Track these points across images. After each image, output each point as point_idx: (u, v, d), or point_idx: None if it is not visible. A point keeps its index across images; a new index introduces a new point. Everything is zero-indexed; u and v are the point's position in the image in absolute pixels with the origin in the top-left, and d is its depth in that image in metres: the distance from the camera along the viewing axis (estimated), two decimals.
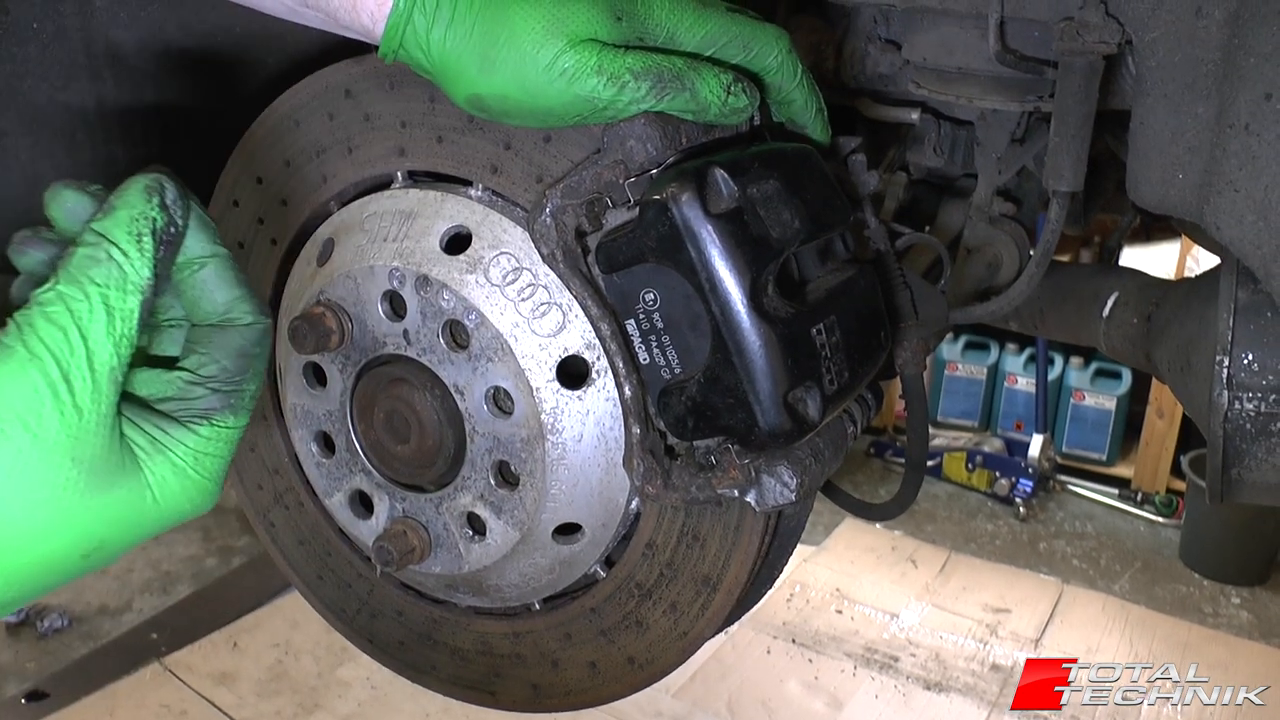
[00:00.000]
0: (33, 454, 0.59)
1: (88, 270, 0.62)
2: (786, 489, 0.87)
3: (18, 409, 0.59)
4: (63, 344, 0.60)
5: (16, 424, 0.59)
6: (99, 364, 0.61)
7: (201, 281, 0.69)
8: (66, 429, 0.60)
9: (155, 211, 0.65)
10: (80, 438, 0.60)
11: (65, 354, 0.60)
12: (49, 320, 0.60)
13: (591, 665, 1.09)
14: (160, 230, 0.65)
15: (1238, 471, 1.16)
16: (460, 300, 0.96)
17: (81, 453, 0.61)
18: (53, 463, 0.60)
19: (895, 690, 3.21)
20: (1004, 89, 1.20)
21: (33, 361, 0.59)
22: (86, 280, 0.62)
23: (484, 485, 1.01)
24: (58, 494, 0.60)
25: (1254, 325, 1.12)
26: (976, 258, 1.43)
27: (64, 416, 0.60)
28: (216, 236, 0.70)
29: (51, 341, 0.60)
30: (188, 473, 0.66)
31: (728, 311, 0.81)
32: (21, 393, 0.59)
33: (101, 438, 0.61)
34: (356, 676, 3.11)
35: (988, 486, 4.61)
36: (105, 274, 0.62)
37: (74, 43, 1.33)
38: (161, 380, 0.68)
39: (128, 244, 0.63)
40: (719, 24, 0.87)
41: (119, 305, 0.62)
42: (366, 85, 1.04)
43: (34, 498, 0.60)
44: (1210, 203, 0.99)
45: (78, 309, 0.61)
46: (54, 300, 0.61)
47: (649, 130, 0.84)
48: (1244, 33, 0.93)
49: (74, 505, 0.61)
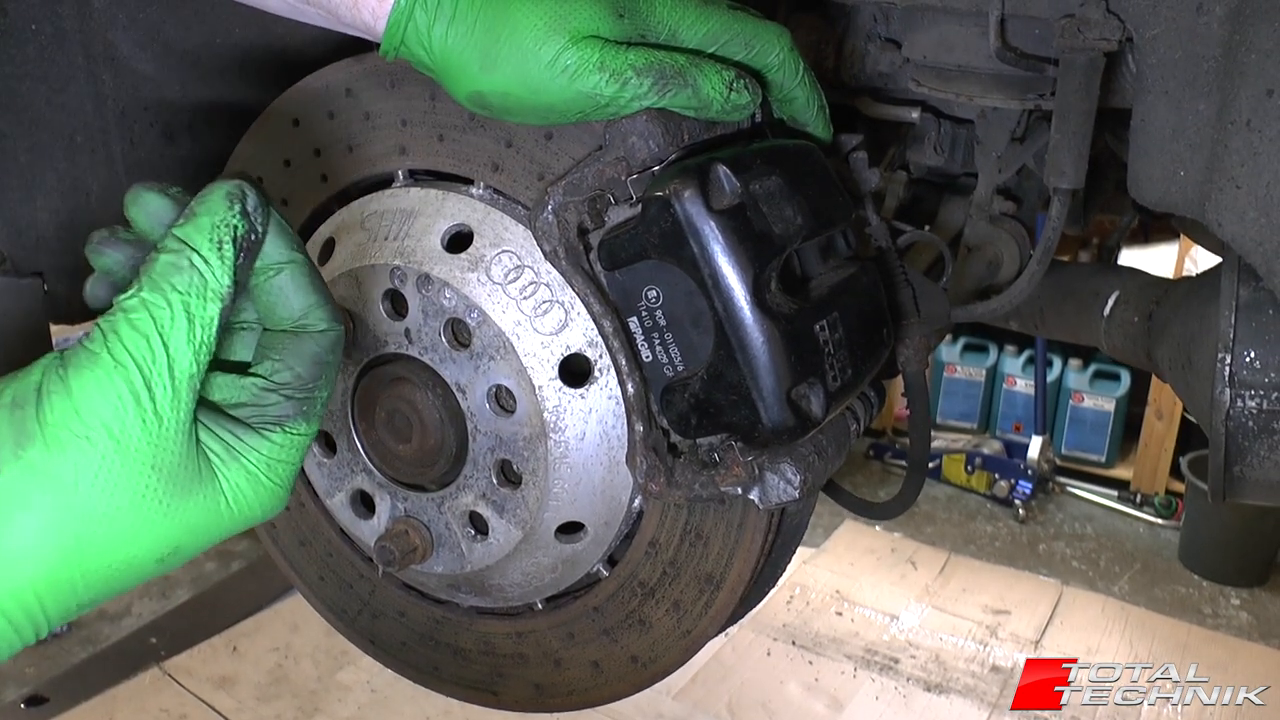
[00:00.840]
0: (115, 460, 0.60)
1: (170, 277, 0.63)
2: (790, 486, 0.87)
3: (103, 415, 0.60)
4: (145, 351, 0.61)
5: (101, 430, 0.60)
6: (179, 371, 0.62)
7: (278, 287, 0.70)
8: (148, 436, 0.61)
9: (236, 219, 0.65)
10: (160, 445, 0.61)
11: (148, 361, 0.61)
12: (133, 327, 0.61)
13: (594, 664, 1.09)
14: (241, 237, 0.65)
15: (1240, 469, 1.16)
16: (462, 299, 0.96)
17: (161, 460, 0.61)
18: (134, 470, 0.61)
19: (895, 692, 3.21)
20: (1004, 87, 1.20)
21: (117, 369, 0.60)
22: (169, 287, 0.62)
23: (486, 484, 1.00)
24: (137, 501, 0.61)
25: (1256, 322, 1.12)
26: (977, 256, 1.43)
27: (145, 424, 0.61)
28: (294, 242, 0.70)
29: (135, 349, 0.61)
30: (261, 479, 0.67)
31: (731, 308, 0.80)
32: (107, 400, 0.60)
33: (180, 445, 0.62)
34: (356, 680, 3.11)
35: (987, 488, 4.61)
36: (187, 281, 0.63)
37: (72, 44, 1.33)
38: (236, 386, 0.68)
39: (209, 251, 0.64)
40: (721, 21, 0.87)
41: (199, 313, 0.63)
42: (367, 83, 1.04)
43: (115, 504, 0.61)
44: (1212, 199, 0.99)
45: (160, 316, 0.62)
46: (137, 307, 0.62)
47: (651, 127, 0.84)
48: (1245, 29, 0.93)
49: (152, 512, 0.62)
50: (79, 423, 0.59)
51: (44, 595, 0.60)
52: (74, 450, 0.59)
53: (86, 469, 0.59)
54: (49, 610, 0.61)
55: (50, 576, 0.60)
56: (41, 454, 0.59)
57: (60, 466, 0.59)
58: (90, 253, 0.69)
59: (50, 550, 0.60)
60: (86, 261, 0.70)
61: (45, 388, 0.60)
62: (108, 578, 0.62)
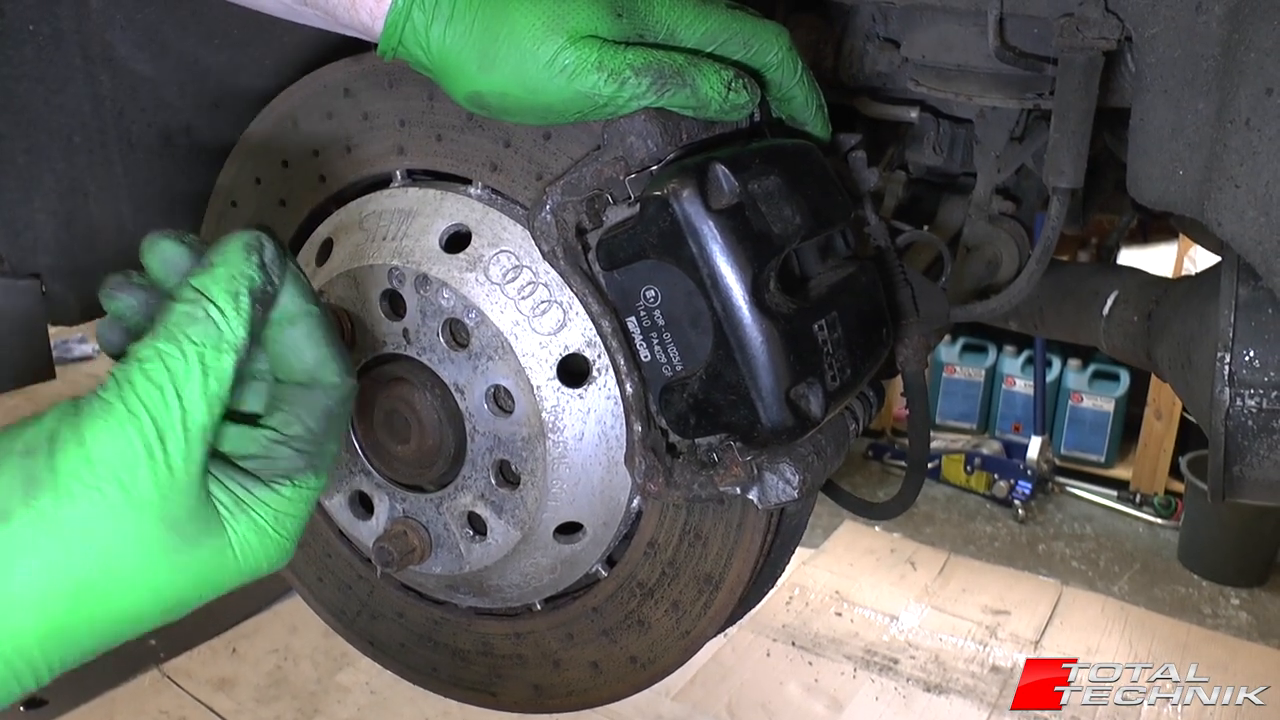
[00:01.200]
0: (125, 512, 0.60)
1: (185, 328, 0.62)
2: (789, 486, 0.87)
3: (114, 466, 0.59)
4: (159, 403, 0.61)
5: (112, 482, 0.59)
6: (193, 424, 0.61)
7: (291, 339, 0.69)
8: (158, 488, 0.60)
9: (253, 270, 0.65)
10: (170, 497, 0.61)
11: (161, 413, 0.60)
12: (147, 378, 0.61)
13: (594, 665, 1.08)
14: (257, 290, 0.65)
15: (1239, 469, 1.16)
16: (460, 299, 0.96)
17: (170, 512, 0.61)
18: (143, 522, 0.60)
19: (895, 692, 3.21)
20: (1003, 86, 1.20)
21: (131, 420, 0.60)
22: (184, 338, 0.62)
23: (484, 485, 1.00)
24: (145, 552, 0.61)
25: (1255, 322, 1.12)
26: (976, 256, 1.43)
27: (157, 476, 0.60)
28: (310, 295, 0.70)
29: (149, 400, 0.60)
30: (269, 532, 0.67)
31: (729, 307, 0.80)
32: (119, 450, 0.59)
33: (190, 497, 0.62)
34: (356, 682, 3.11)
35: (986, 488, 4.61)
36: (202, 333, 0.62)
37: (70, 45, 1.33)
38: (247, 438, 0.68)
39: (225, 303, 0.64)
40: (719, 21, 0.87)
41: (214, 364, 0.62)
42: (365, 83, 1.04)
43: (122, 555, 0.60)
44: (1211, 198, 0.99)
45: (175, 367, 0.61)
46: (152, 358, 0.61)
47: (649, 126, 0.84)
48: (1244, 28, 0.93)
49: (160, 564, 0.62)
50: (90, 473, 0.59)
51: (46, 643, 0.60)
52: (84, 500, 0.59)
53: (96, 519, 0.59)
54: (50, 658, 0.61)
55: (53, 624, 0.60)
56: (52, 503, 0.59)
57: (70, 516, 0.59)
58: (104, 297, 0.69)
59: (55, 598, 0.59)
60: (90, 280, 0.69)
61: (58, 436, 0.60)
62: (111, 628, 0.62)
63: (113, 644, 0.64)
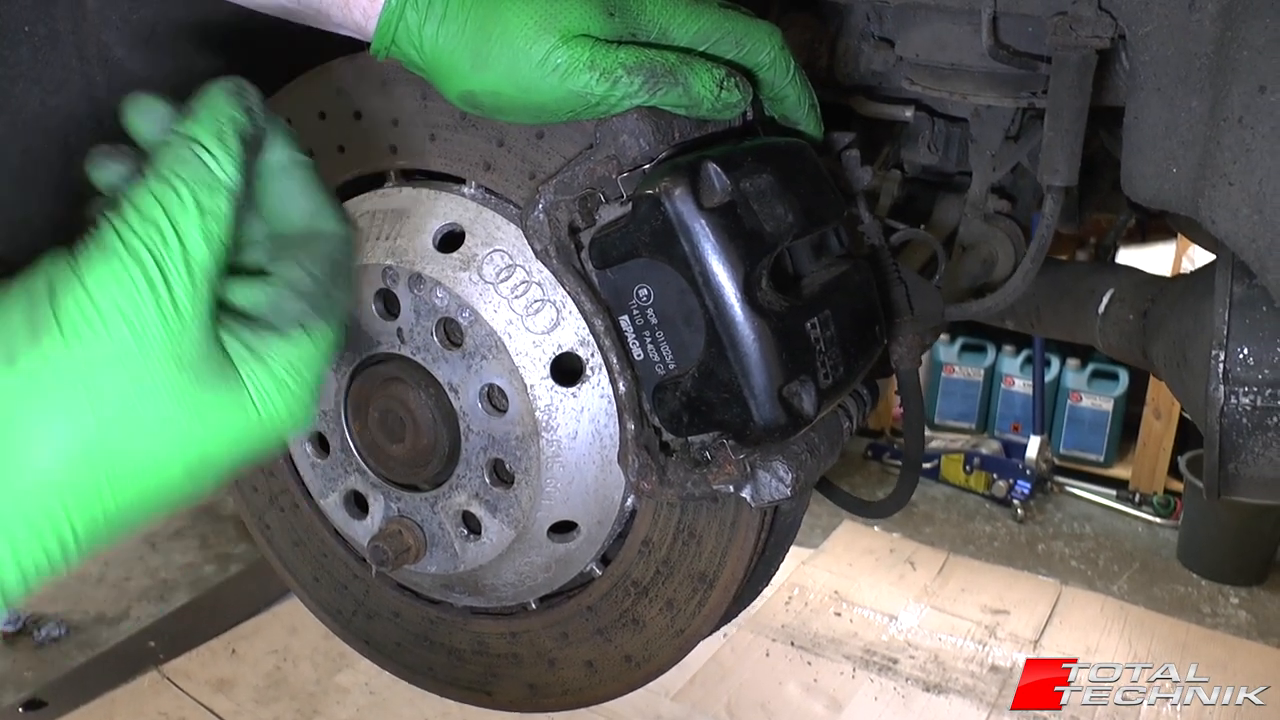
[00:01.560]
0: (135, 351, 0.57)
1: (176, 168, 0.60)
2: (782, 484, 0.87)
3: (119, 307, 0.57)
4: (159, 240, 0.58)
5: (119, 322, 0.57)
6: (195, 263, 0.59)
7: (284, 189, 0.68)
8: (168, 329, 0.58)
9: (238, 113, 0.63)
10: (181, 338, 0.58)
11: (161, 251, 0.58)
12: (143, 216, 0.58)
13: (589, 664, 1.08)
14: (244, 132, 0.63)
15: (1234, 466, 1.16)
16: (454, 298, 0.96)
17: (182, 352, 0.59)
18: (155, 361, 0.58)
19: (894, 692, 3.21)
20: (997, 85, 1.20)
21: (131, 259, 0.57)
22: (176, 178, 0.60)
23: (479, 484, 1.00)
24: (161, 394, 0.58)
25: (1249, 319, 1.12)
26: (971, 255, 1.43)
27: (164, 315, 0.58)
28: (296, 144, 0.69)
29: (148, 238, 0.58)
30: (287, 383, 0.64)
31: (721, 306, 0.80)
32: (123, 290, 0.57)
33: (201, 339, 0.60)
34: (355, 682, 3.11)
35: (985, 488, 4.61)
36: (194, 173, 0.60)
37: (66, 46, 1.33)
38: (253, 289, 0.65)
39: (213, 144, 0.62)
40: (711, 20, 0.87)
41: (209, 204, 0.60)
42: (359, 83, 1.04)
43: (138, 397, 0.58)
44: (1205, 196, 0.99)
45: (170, 204, 0.59)
46: (146, 196, 0.59)
47: (641, 125, 0.84)
48: (1237, 26, 0.93)
49: (176, 406, 0.59)
50: (96, 314, 0.57)
51: (68, 502, 0.57)
52: (92, 340, 0.57)
53: (106, 360, 0.57)
54: (75, 522, 0.58)
55: (74, 480, 0.57)
56: (58, 344, 0.56)
57: (79, 357, 0.57)
58: (93, 168, 0.66)
59: (71, 446, 0.57)
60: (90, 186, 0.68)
61: (57, 283, 0.58)
62: (135, 485, 0.59)
63: (138, 514, 0.61)
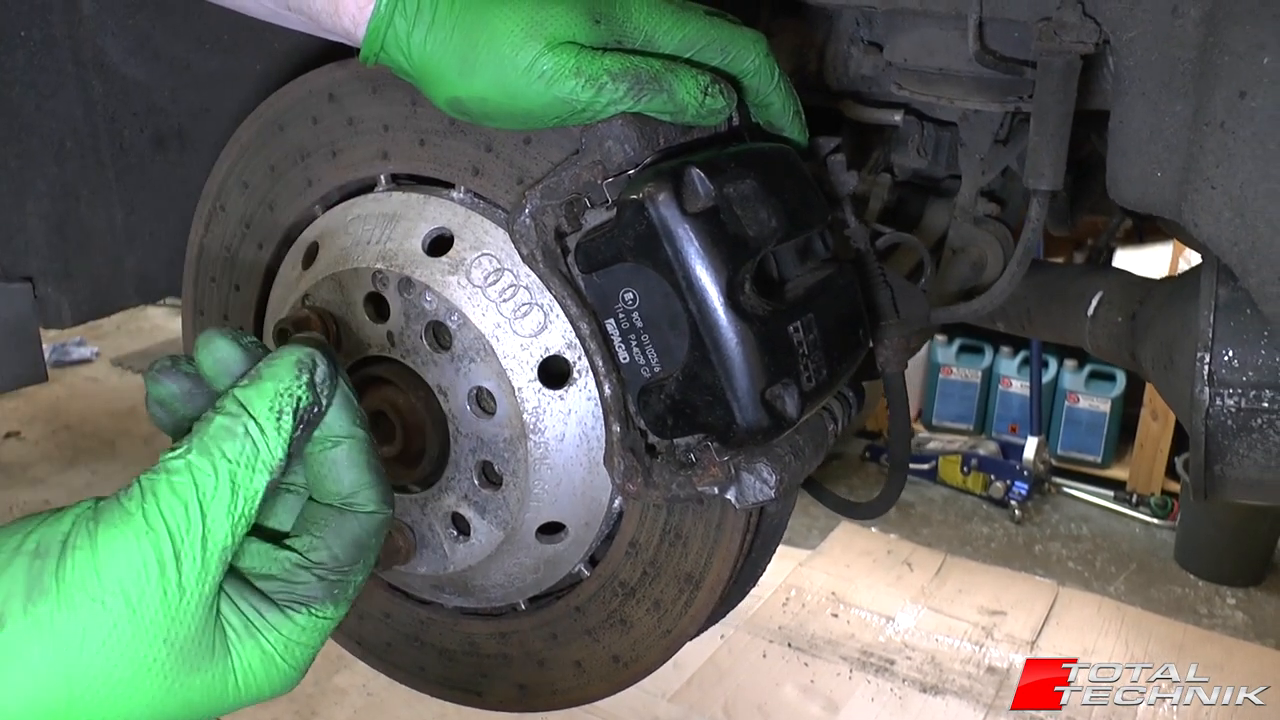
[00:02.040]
0: (127, 630, 0.58)
1: (222, 442, 0.60)
2: (766, 486, 0.87)
3: (122, 579, 0.57)
4: (181, 519, 0.58)
5: (118, 595, 0.57)
6: (213, 544, 0.59)
7: (332, 460, 0.67)
8: (166, 608, 0.58)
9: (301, 389, 0.63)
10: (177, 618, 0.59)
11: (182, 530, 0.58)
12: (173, 491, 0.59)
13: (577, 664, 1.09)
14: (303, 409, 0.63)
15: (1220, 468, 1.17)
16: (443, 302, 0.97)
17: (175, 634, 0.59)
18: (143, 641, 0.58)
19: (891, 693, 3.21)
20: (985, 90, 1.21)
21: (148, 533, 0.58)
22: (219, 453, 0.60)
23: (468, 486, 1.01)
24: (141, 673, 0.59)
25: (1234, 322, 1.13)
26: (961, 258, 1.44)
27: (166, 595, 0.58)
28: (358, 417, 0.68)
29: (171, 515, 0.58)
30: (276, 660, 0.64)
31: (705, 309, 0.81)
32: (131, 564, 0.57)
33: (198, 619, 0.60)
34: (352, 684, 3.12)
35: (983, 489, 4.62)
36: (238, 450, 0.60)
37: (62, 50, 1.34)
38: (269, 557, 0.65)
39: (267, 420, 0.61)
40: (697, 27, 0.88)
41: (245, 484, 0.60)
42: (350, 89, 1.05)
43: (117, 673, 0.58)
44: (1188, 200, 1.00)
45: (204, 484, 0.59)
46: (181, 470, 0.59)
47: (627, 131, 0.85)
48: (1219, 31, 0.94)
49: (155, 686, 0.59)
50: (96, 584, 0.57)
51: None
52: (85, 612, 0.57)
53: (94, 633, 0.57)
54: None
55: None
56: (51, 611, 0.57)
57: (67, 627, 0.57)
58: (149, 380, 0.67)
59: (39, 712, 0.57)
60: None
61: (71, 539, 0.58)
62: None
63: None
